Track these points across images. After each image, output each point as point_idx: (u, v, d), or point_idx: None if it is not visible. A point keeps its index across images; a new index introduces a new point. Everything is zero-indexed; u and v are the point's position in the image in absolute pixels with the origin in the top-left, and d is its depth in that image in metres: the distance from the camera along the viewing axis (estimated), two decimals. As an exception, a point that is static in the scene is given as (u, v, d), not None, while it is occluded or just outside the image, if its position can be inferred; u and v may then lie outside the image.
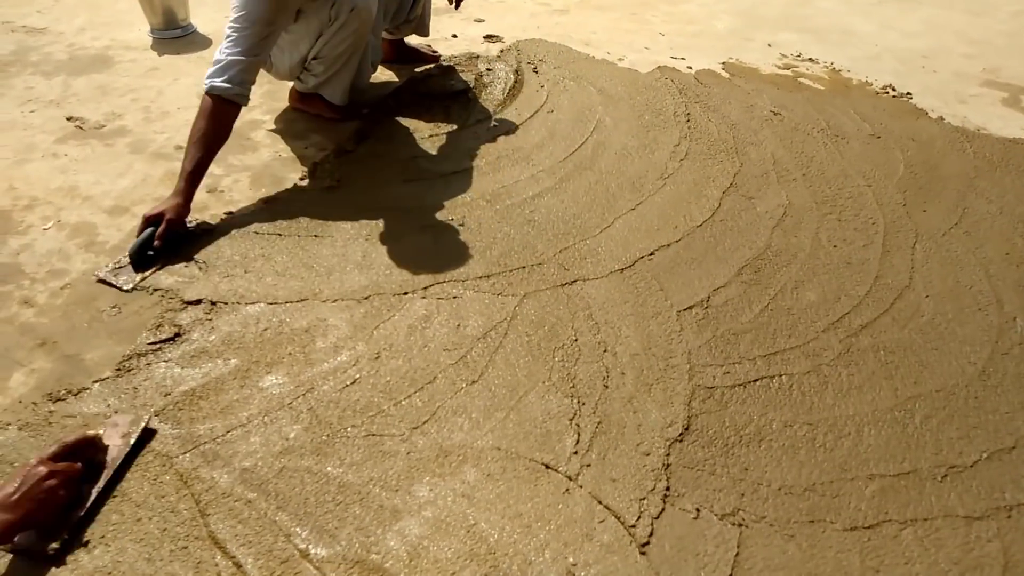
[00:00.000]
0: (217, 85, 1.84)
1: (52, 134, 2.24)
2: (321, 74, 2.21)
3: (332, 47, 2.14)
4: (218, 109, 1.85)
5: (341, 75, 2.25)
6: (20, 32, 2.88)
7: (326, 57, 2.16)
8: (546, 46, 2.94)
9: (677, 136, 2.38)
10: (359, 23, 2.12)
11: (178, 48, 2.80)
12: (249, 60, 1.88)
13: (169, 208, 1.76)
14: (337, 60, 2.18)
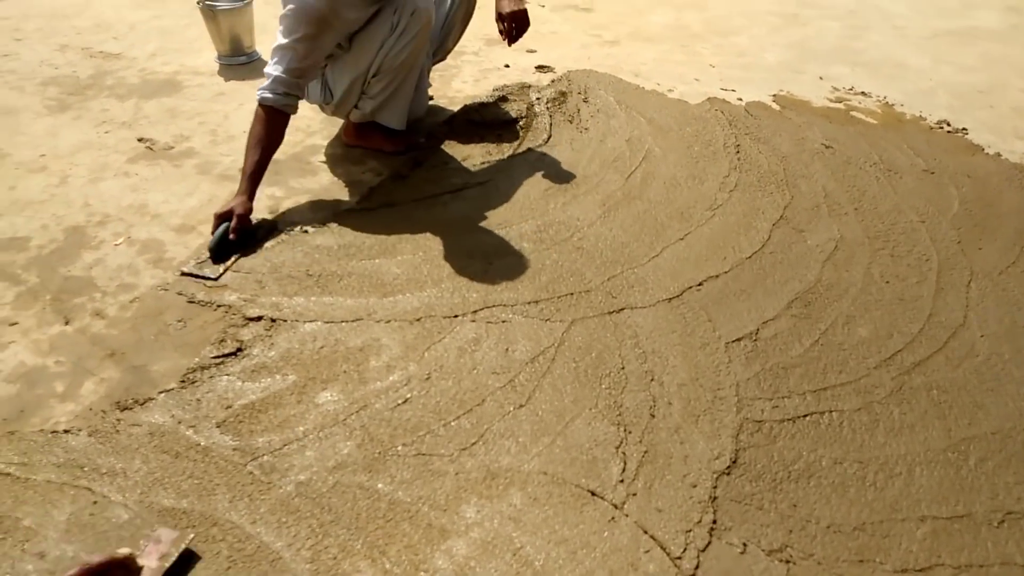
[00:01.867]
0: (267, 96, 2.01)
1: (124, 154, 2.36)
2: (379, 94, 2.26)
3: (393, 57, 2.17)
4: (269, 117, 2.02)
5: (399, 95, 2.29)
6: (98, 57, 3.04)
7: (387, 69, 2.20)
8: (596, 76, 2.99)
9: (727, 167, 2.39)
10: (420, 26, 2.17)
11: (243, 74, 2.93)
12: (294, 77, 2.02)
13: (237, 204, 1.94)
14: (398, 73, 2.21)
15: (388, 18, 2.14)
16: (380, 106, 2.29)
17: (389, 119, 2.34)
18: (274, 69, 2.02)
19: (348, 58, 2.19)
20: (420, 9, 2.15)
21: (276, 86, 2.01)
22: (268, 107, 2.01)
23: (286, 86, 2.01)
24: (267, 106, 2.01)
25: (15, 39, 3.20)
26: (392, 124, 2.35)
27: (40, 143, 2.41)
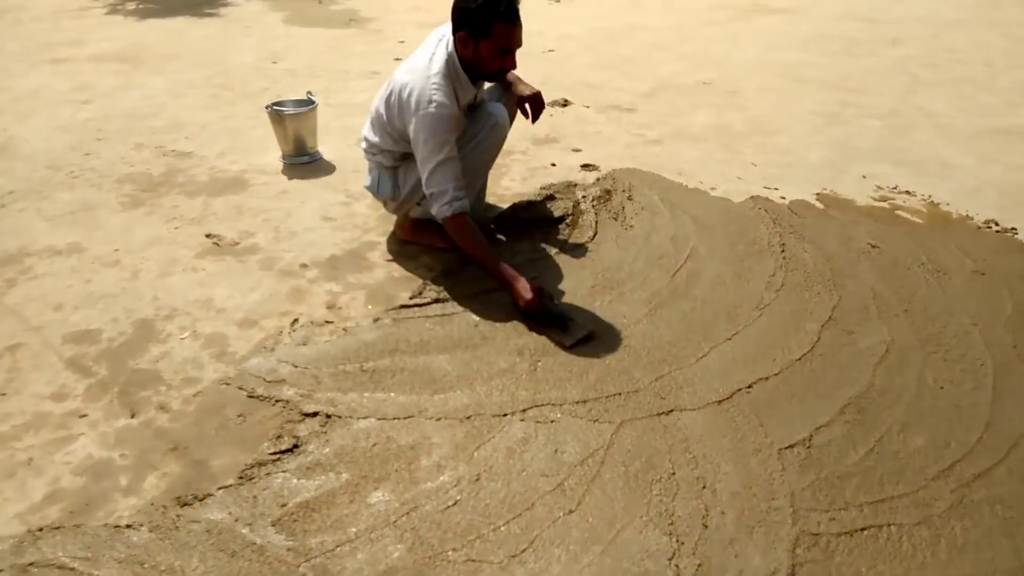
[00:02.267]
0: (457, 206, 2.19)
1: (192, 249, 2.50)
2: None
3: (469, 160, 2.32)
4: (468, 222, 2.23)
5: None
6: (171, 156, 3.26)
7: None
8: (640, 175, 3.08)
9: (772, 266, 2.41)
10: (497, 139, 2.38)
11: (305, 173, 3.10)
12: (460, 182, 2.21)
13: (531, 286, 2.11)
14: (467, 176, 2.33)
15: (469, 125, 2.31)
16: None
17: None
18: (446, 184, 2.17)
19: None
20: (500, 124, 2.34)
21: (454, 196, 2.17)
22: (462, 214, 2.19)
23: (460, 191, 2.19)
24: (461, 213, 2.19)
25: (97, 139, 3.46)
26: None
27: (115, 238, 2.57)
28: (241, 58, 4.86)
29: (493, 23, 2.09)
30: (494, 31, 2.10)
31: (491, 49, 2.14)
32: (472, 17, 2.10)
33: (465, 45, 2.16)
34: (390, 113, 2.28)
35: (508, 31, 2.12)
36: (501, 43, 2.13)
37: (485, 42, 2.13)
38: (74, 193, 2.90)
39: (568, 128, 3.65)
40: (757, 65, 4.71)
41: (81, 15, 6.24)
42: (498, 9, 2.08)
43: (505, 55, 2.17)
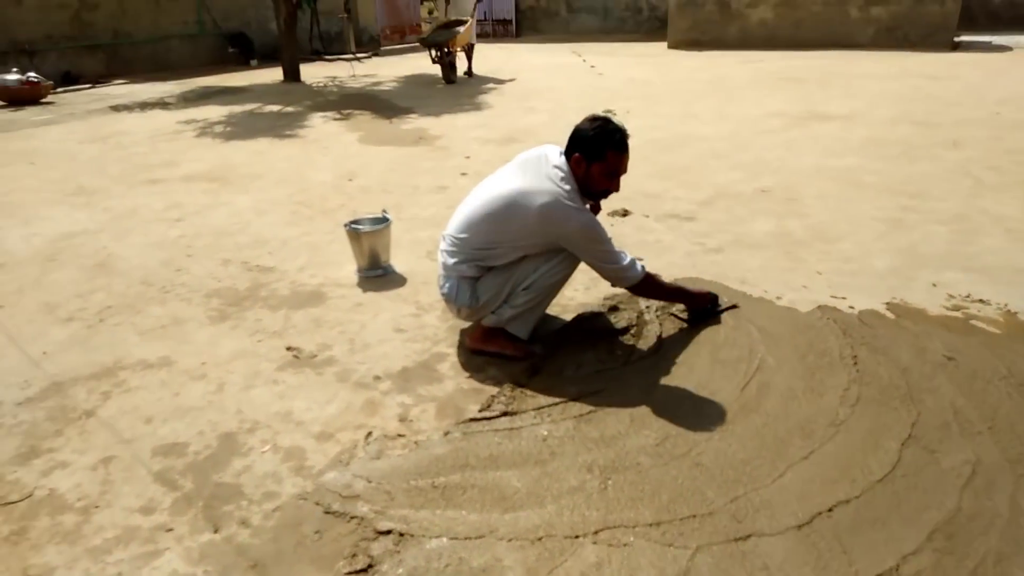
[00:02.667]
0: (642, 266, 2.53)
1: (274, 362, 2.62)
2: (521, 305, 2.51)
3: (547, 277, 2.50)
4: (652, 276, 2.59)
5: (536, 311, 2.57)
6: (255, 271, 3.48)
7: (536, 287, 2.50)
8: (703, 284, 3.12)
9: (845, 379, 2.37)
10: (574, 262, 2.53)
11: (379, 286, 3.25)
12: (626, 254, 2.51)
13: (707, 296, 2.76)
14: (543, 292, 2.53)
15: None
16: (516, 316, 2.53)
17: (519, 329, 2.56)
18: (623, 256, 2.48)
19: (504, 271, 2.49)
20: None
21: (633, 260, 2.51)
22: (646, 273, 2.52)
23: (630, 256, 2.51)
24: (645, 272, 2.52)
25: (187, 255, 3.72)
26: (520, 334, 2.57)
27: (202, 351, 2.72)
28: (319, 176, 5.22)
29: (607, 150, 2.40)
30: (607, 156, 2.41)
31: (602, 172, 2.43)
32: (589, 143, 2.41)
33: (579, 165, 2.44)
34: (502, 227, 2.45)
35: (618, 158, 2.43)
36: (611, 168, 2.43)
37: (597, 165, 2.42)
38: (165, 308, 3.11)
39: (629, 237, 3.74)
40: (814, 172, 4.77)
41: (175, 138, 6.84)
42: (613, 138, 2.41)
43: (612, 178, 2.46)
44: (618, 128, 2.44)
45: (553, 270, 2.49)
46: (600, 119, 2.46)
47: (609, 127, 2.42)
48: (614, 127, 2.43)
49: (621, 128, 2.46)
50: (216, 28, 13.75)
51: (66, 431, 2.26)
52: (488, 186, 2.58)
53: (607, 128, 2.42)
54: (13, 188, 5.22)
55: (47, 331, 2.94)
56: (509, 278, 2.51)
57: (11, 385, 2.54)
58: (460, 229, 2.53)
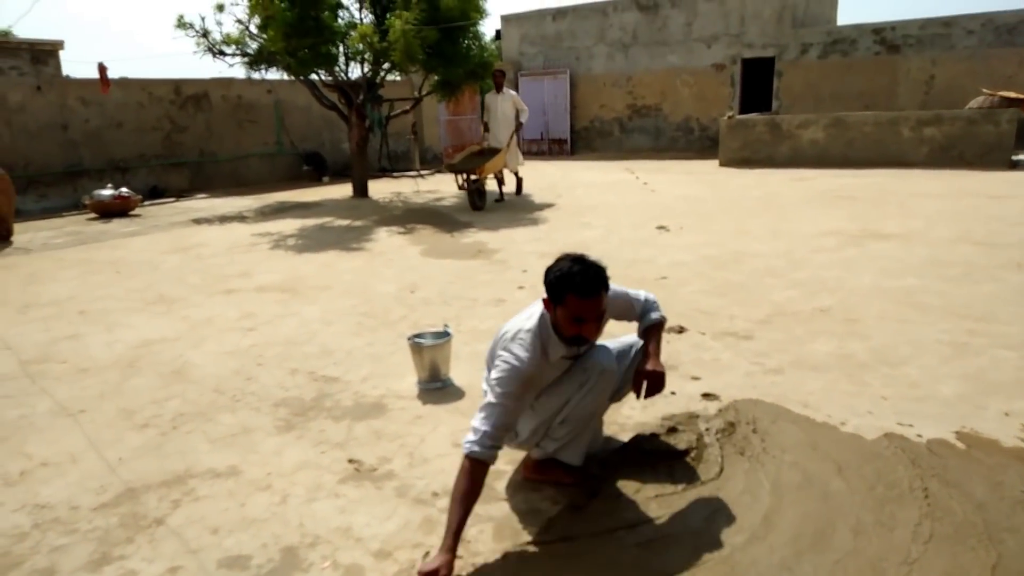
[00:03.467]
0: (475, 450, 2.16)
1: (336, 475, 2.68)
2: (563, 437, 2.49)
3: (580, 409, 2.45)
4: (474, 469, 2.16)
5: (581, 438, 2.52)
6: (320, 381, 3.61)
7: (573, 418, 2.46)
8: (764, 407, 3.09)
9: (916, 514, 2.29)
10: (606, 384, 2.48)
11: (438, 399, 3.33)
12: (498, 431, 2.22)
13: (443, 564, 1.99)
14: (581, 422, 2.48)
15: (577, 376, 2.44)
16: (562, 447, 2.51)
17: (569, 457, 2.54)
18: (483, 424, 2.20)
19: (537, 407, 2.47)
20: (607, 370, 2.45)
21: (484, 440, 2.17)
22: (474, 459, 2.15)
23: (493, 439, 2.19)
24: (473, 458, 2.15)
25: (258, 363, 3.90)
26: (572, 462, 2.54)
27: (268, 461, 2.81)
28: (383, 288, 5.44)
29: (566, 294, 2.23)
30: (567, 301, 2.23)
31: (566, 317, 2.26)
32: (550, 285, 2.28)
33: (549, 309, 2.34)
34: (491, 358, 2.48)
35: (580, 303, 2.22)
36: (572, 313, 2.24)
37: (560, 309, 2.27)
38: (236, 416, 3.24)
39: (685, 355, 3.76)
40: (874, 292, 4.75)
41: (250, 250, 7.27)
42: (573, 282, 2.21)
43: (579, 323, 2.26)
44: (584, 270, 2.23)
45: (584, 400, 2.44)
46: (569, 258, 2.28)
47: (573, 269, 2.23)
48: (580, 268, 2.23)
49: (589, 268, 2.24)
50: (293, 148, 14.80)
51: (137, 538, 2.33)
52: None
53: (570, 271, 2.23)
54: (99, 296, 5.60)
55: (124, 437, 3.08)
56: (543, 415, 2.47)
57: (88, 490, 2.65)
58: (485, 365, 2.57)
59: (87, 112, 11.86)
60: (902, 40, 14.67)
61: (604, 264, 2.30)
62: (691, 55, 17.24)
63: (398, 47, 9.02)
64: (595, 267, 2.26)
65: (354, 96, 10.77)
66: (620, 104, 18.49)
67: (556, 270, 2.27)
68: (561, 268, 2.26)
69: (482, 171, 9.21)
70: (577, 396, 2.44)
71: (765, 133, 13.31)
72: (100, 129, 12.01)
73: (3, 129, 10.92)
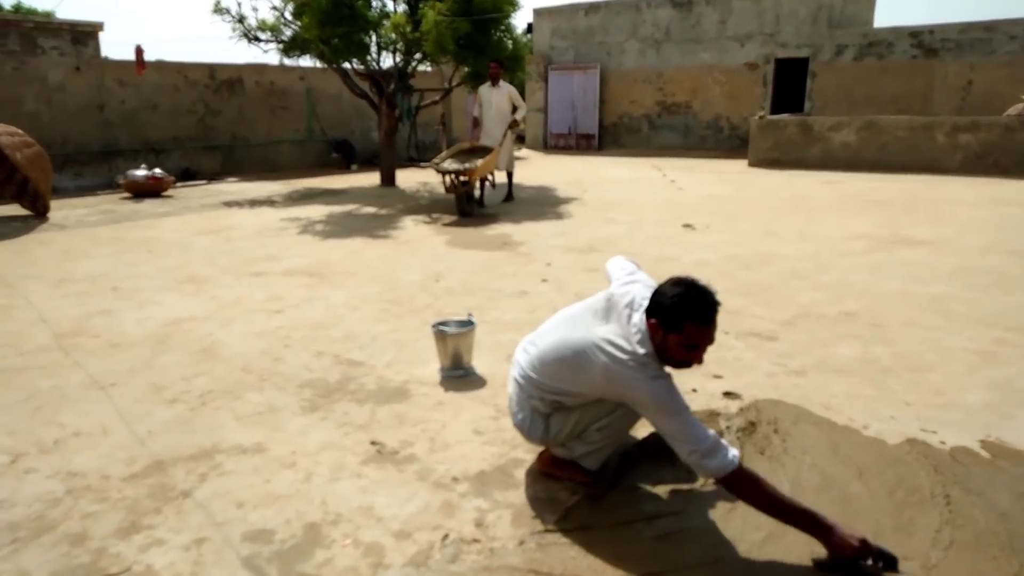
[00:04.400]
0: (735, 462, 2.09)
1: (359, 456, 2.73)
2: (595, 443, 2.45)
3: (621, 421, 2.44)
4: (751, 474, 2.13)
5: (608, 448, 2.50)
6: (345, 364, 3.66)
7: (611, 429, 2.44)
8: (786, 408, 3.08)
9: (937, 520, 2.28)
10: None
11: (460, 386, 3.36)
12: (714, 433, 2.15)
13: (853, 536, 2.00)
14: (617, 434, 2.47)
15: None
16: (587, 454, 2.49)
17: (590, 463, 2.51)
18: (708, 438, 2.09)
19: (577, 410, 2.44)
20: None
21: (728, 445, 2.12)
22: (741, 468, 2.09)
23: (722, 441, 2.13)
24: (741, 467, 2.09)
25: (285, 345, 3.96)
26: (590, 467, 2.51)
27: (293, 440, 2.86)
28: (408, 276, 5.50)
29: (684, 322, 2.11)
30: (684, 328, 2.12)
31: (679, 343, 2.14)
32: (666, 311, 2.14)
33: (655, 332, 2.18)
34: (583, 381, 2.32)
35: (699, 332, 2.13)
36: (689, 340, 2.13)
37: (674, 336, 2.14)
38: (262, 395, 3.30)
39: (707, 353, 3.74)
40: (901, 298, 4.70)
41: (279, 234, 7.37)
42: (693, 309, 2.11)
43: (691, 351, 2.16)
44: (702, 296, 2.13)
45: (628, 416, 2.42)
46: (684, 283, 2.16)
47: (691, 295, 2.12)
48: (698, 294, 2.13)
49: (707, 295, 2.14)
50: (323, 135, 14.93)
51: (164, 509, 2.40)
52: (567, 322, 2.46)
53: (688, 296, 2.12)
54: (132, 274, 5.72)
55: (153, 411, 3.16)
56: (583, 417, 2.44)
57: (118, 460, 2.73)
58: (533, 366, 2.45)
59: (124, 93, 12.07)
60: (940, 44, 14.41)
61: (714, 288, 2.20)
62: (724, 53, 17.09)
63: (430, 37, 9.06)
64: (710, 291, 2.16)
65: (385, 85, 10.84)
66: (650, 101, 18.39)
67: (672, 296, 2.13)
68: (678, 293, 2.13)
69: (473, 173, 8.14)
70: (623, 409, 2.39)
71: (796, 134, 13.16)
72: (136, 110, 12.22)
73: (43, 108, 11.16)
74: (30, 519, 2.34)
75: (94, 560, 2.13)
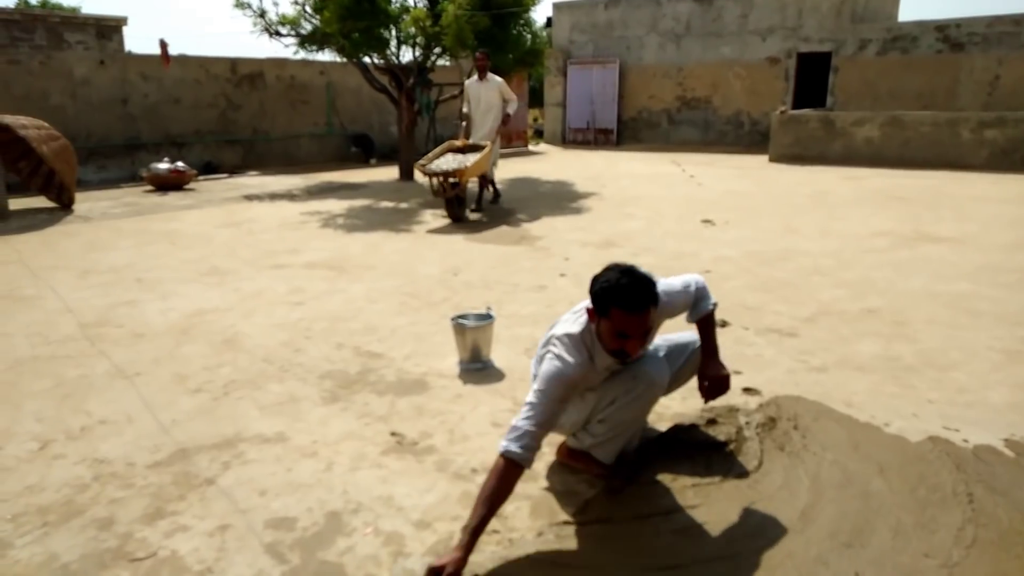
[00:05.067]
0: (512, 450, 2.08)
1: (379, 446, 2.76)
2: (600, 435, 2.46)
3: (621, 412, 2.42)
4: (507, 471, 2.08)
5: (617, 440, 2.49)
6: (365, 356, 3.69)
7: (612, 421, 2.43)
8: (806, 404, 3.06)
9: (959, 519, 2.26)
10: (652, 396, 2.47)
11: (478, 379, 3.38)
12: (540, 431, 2.15)
13: (450, 563, 1.90)
14: (620, 426, 2.45)
15: (626, 380, 2.40)
16: (596, 445, 2.50)
17: (602, 456, 2.51)
18: (525, 423, 2.12)
19: (579, 403, 2.44)
20: (656, 383, 2.43)
21: (523, 439, 2.09)
22: (509, 459, 2.07)
23: (533, 439, 2.11)
24: (508, 458, 2.07)
25: (305, 336, 4.00)
26: (603, 460, 2.52)
27: (314, 430, 2.90)
28: (427, 270, 5.52)
29: (611, 307, 2.13)
30: (611, 314, 2.14)
31: (609, 330, 2.16)
32: (595, 296, 2.19)
33: (591, 317, 2.25)
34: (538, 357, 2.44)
35: (625, 318, 2.12)
36: (618, 327, 2.14)
37: (604, 322, 2.17)
38: (283, 385, 3.34)
39: (727, 349, 3.69)
40: (924, 295, 4.64)
41: (300, 227, 7.43)
42: (619, 295, 2.11)
43: (623, 339, 2.16)
44: (634, 283, 2.12)
45: (628, 406, 2.41)
46: (616, 269, 2.18)
47: (621, 281, 2.12)
48: (629, 281, 2.12)
49: (639, 282, 2.13)
50: (343, 129, 15.01)
51: (188, 496, 2.44)
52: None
53: (617, 282, 2.12)
54: (155, 265, 5.79)
55: (177, 400, 3.21)
56: (583, 411, 2.45)
57: (143, 448, 2.77)
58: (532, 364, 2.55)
59: (146, 87, 12.20)
60: (967, 38, 14.17)
61: (654, 278, 2.22)
62: (745, 48, 16.94)
63: (450, 32, 9.07)
64: (644, 280, 2.15)
65: (404, 80, 10.87)
66: (669, 95, 18.27)
67: (602, 280, 2.17)
68: (608, 279, 2.15)
69: (464, 173, 7.29)
70: (622, 399, 2.40)
71: (818, 129, 13.03)
72: (158, 104, 12.35)
73: (68, 101, 11.31)
74: (59, 503, 2.39)
75: (121, 544, 2.18)
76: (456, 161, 7.59)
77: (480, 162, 7.59)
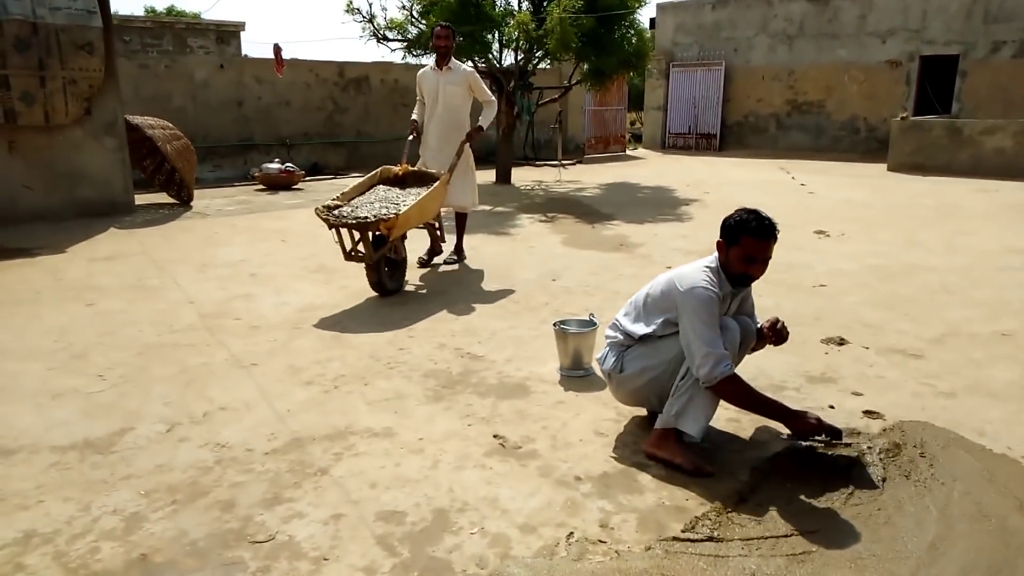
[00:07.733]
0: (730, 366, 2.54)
1: (482, 447, 2.77)
2: (684, 393, 2.60)
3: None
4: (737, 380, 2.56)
5: (703, 406, 2.59)
6: (467, 358, 3.73)
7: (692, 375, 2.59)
8: (933, 431, 2.86)
9: (1120, 569, 2.03)
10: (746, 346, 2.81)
11: (580, 386, 3.35)
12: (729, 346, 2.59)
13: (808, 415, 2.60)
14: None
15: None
16: (682, 411, 2.59)
17: (689, 426, 2.59)
18: (716, 347, 2.50)
19: (650, 344, 2.74)
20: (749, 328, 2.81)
21: (725, 359, 2.51)
22: (732, 375, 2.52)
23: (729, 357, 2.53)
24: (732, 375, 2.52)
25: (408, 336, 4.09)
26: (690, 431, 2.58)
27: (420, 427, 2.95)
28: (525, 274, 5.53)
29: (742, 235, 2.57)
30: (742, 242, 2.58)
31: (738, 256, 2.60)
32: (727, 228, 2.63)
33: (720, 250, 2.67)
34: (652, 299, 2.77)
35: (754, 244, 2.57)
36: (746, 252, 2.58)
37: (734, 249, 2.60)
38: (390, 382, 3.42)
39: (845, 368, 3.54)
40: (1069, 318, 4.25)
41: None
42: (749, 225, 2.57)
43: (749, 264, 2.60)
44: (758, 216, 2.59)
45: None
46: (745, 210, 2.64)
47: (749, 215, 2.59)
48: (754, 215, 2.59)
49: (763, 218, 2.59)
50: (441, 132, 15.30)
51: (304, 484, 2.53)
52: None
53: (745, 216, 2.60)
54: (268, 261, 6.08)
55: (291, 391, 3.34)
56: (655, 359, 2.70)
57: (261, 435, 2.90)
58: (626, 308, 2.93)
59: (260, 90, 12.86)
60: (1118, 38, 12.92)
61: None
62: (863, 50, 16.12)
63: (554, 35, 9.08)
64: (769, 218, 2.61)
65: (505, 83, 10.97)
66: (778, 99, 17.62)
67: (735, 216, 2.62)
68: (740, 215, 2.62)
69: (393, 225, 4.47)
70: None
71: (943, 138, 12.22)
72: (270, 106, 12.99)
73: (189, 103, 12.07)
74: (186, 483, 2.53)
75: (242, 527, 2.28)
76: (387, 202, 4.80)
77: (426, 203, 4.79)
